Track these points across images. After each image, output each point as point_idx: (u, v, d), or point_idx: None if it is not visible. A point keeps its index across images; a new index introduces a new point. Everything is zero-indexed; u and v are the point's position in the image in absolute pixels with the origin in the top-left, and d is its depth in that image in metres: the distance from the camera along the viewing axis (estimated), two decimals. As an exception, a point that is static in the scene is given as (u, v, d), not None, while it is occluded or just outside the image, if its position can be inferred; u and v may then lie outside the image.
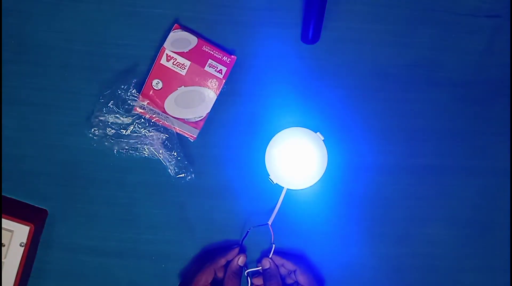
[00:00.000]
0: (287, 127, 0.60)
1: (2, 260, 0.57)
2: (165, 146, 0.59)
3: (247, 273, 0.59)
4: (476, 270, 0.63)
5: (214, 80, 0.59)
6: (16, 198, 0.61)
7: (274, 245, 0.59)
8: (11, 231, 0.57)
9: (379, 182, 0.62)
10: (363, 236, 0.62)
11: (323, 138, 0.59)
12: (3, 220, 0.57)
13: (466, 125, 0.62)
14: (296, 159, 0.59)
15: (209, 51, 0.59)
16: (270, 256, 0.59)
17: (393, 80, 0.62)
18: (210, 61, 0.59)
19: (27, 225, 0.57)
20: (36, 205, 0.61)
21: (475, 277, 0.63)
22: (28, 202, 0.61)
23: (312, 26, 0.59)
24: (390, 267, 0.62)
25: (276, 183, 0.59)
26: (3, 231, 0.57)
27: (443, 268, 0.63)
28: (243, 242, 0.60)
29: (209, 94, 0.59)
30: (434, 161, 0.62)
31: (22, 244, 0.57)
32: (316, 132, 0.59)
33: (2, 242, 0.57)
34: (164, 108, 0.59)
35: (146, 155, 0.60)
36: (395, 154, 0.62)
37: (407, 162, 0.62)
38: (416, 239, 0.62)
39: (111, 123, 0.59)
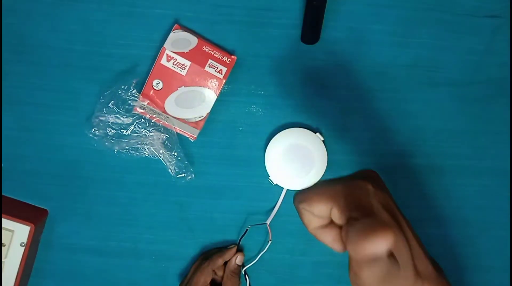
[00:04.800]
0: (287, 128, 0.60)
1: (3, 260, 0.57)
2: (165, 146, 0.59)
3: (245, 271, 0.60)
4: (476, 270, 0.63)
5: (214, 80, 0.59)
6: (16, 198, 0.61)
7: (270, 242, 0.59)
8: (12, 231, 0.57)
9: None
10: (363, 236, 0.62)
11: (323, 139, 0.59)
12: (3, 220, 0.57)
13: (466, 125, 0.62)
14: (296, 160, 0.59)
15: (209, 51, 0.59)
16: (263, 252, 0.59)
17: (393, 80, 0.62)
18: (210, 61, 0.59)
19: (28, 225, 0.57)
20: (36, 205, 0.61)
21: (475, 277, 0.63)
22: (28, 202, 0.61)
23: (312, 26, 0.59)
24: (390, 267, 0.62)
25: (276, 184, 0.59)
26: (3, 231, 0.57)
27: (442, 268, 0.63)
28: (241, 241, 0.60)
29: (209, 94, 0.59)
30: (434, 161, 0.62)
31: (23, 244, 0.57)
32: (315, 133, 0.59)
33: (2, 242, 0.57)
34: (164, 108, 0.59)
35: (146, 155, 0.60)
36: (395, 154, 0.62)
37: (407, 162, 0.62)
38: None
39: (111, 123, 0.59)
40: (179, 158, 0.60)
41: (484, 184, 0.63)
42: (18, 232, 0.57)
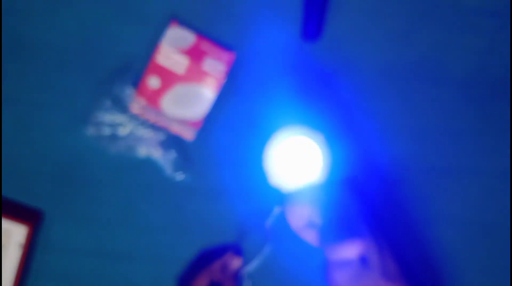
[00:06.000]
0: (287, 127, 0.59)
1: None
2: (162, 146, 0.59)
3: (244, 273, 0.59)
4: (476, 270, 0.63)
5: (213, 78, 0.58)
6: (12, 199, 0.60)
7: (270, 243, 0.59)
8: (9, 231, 0.57)
9: (379, 183, 0.61)
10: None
11: (323, 138, 0.58)
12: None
13: (467, 125, 0.62)
14: (296, 160, 0.59)
15: (207, 49, 0.58)
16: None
17: (394, 80, 0.61)
18: (208, 59, 0.58)
19: (25, 226, 0.57)
20: (33, 206, 0.60)
21: (475, 278, 0.63)
22: (25, 203, 0.60)
23: (313, 23, 0.58)
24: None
25: (276, 184, 0.58)
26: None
27: (443, 268, 0.63)
28: (240, 243, 0.60)
29: (207, 92, 0.59)
30: (435, 161, 0.62)
31: (20, 245, 0.57)
32: (316, 132, 0.59)
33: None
34: (161, 107, 0.59)
35: (143, 155, 0.59)
36: (396, 154, 0.61)
37: (408, 163, 0.62)
38: (416, 239, 0.62)
39: (107, 123, 0.58)
40: (176, 158, 0.59)
41: (484, 184, 0.62)
42: (15, 233, 0.57)
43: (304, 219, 0.52)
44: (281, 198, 0.58)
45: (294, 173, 0.59)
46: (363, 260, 0.47)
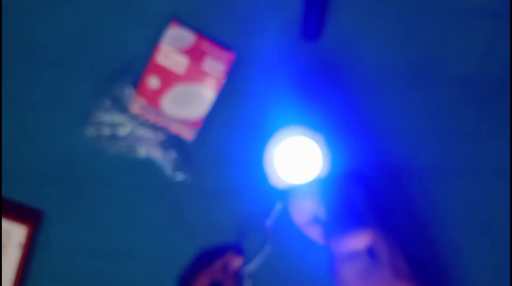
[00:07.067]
0: (287, 127, 0.59)
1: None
2: (162, 146, 0.59)
3: (245, 274, 0.59)
4: (476, 271, 0.63)
5: (213, 78, 0.58)
6: (12, 199, 0.60)
7: (270, 243, 0.59)
8: (9, 231, 0.57)
9: (379, 183, 0.61)
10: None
11: (323, 139, 0.58)
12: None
13: (466, 125, 0.62)
14: (296, 159, 0.58)
15: (207, 49, 0.58)
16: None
17: (394, 79, 0.61)
18: (208, 58, 0.58)
19: (25, 226, 0.57)
20: (32, 206, 0.60)
21: (475, 278, 0.63)
22: (25, 203, 0.60)
23: (313, 23, 0.58)
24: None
25: (277, 185, 0.58)
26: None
27: (444, 269, 0.63)
28: (240, 243, 0.60)
29: (208, 92, 0.58)
30: (435, 161, 0.61)
31: (20, 245, 0.57)
32: (317, 132, 0.59)
33: (-1, 243, 0.57)
34: (161, 107, 0.58)
35: (143, 155, 0.59)
36: (396, 154, 0.61)
37: (408, 163, 0.61)
38: (416, 240, 0.62)
39: (107, 123, 0.58)
40: (176, 158, 0.59)
41: (484, 184, 0.62)
42: (15, 233, 0.57)
43: (308, 214, 0.50)
44: (283, 195, 0.57)
45: (294, 173, 0.59)
46: (371, 252, 0.44)
